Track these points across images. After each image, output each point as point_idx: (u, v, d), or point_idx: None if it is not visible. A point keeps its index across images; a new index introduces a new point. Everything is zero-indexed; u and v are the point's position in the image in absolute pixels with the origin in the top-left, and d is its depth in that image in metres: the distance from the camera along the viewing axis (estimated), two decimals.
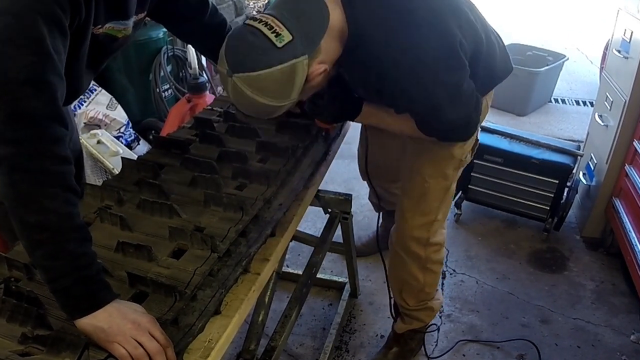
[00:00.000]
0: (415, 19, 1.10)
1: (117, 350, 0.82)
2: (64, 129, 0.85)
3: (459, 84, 1.17)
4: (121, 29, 1.08)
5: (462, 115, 1.22)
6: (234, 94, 1.07)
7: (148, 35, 2.81)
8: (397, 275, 1.67)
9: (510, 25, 5.43)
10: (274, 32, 1.01)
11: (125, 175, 1.27)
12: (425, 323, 1.78)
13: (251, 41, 1.02)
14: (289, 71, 1.03)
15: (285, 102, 1.08)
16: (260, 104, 1.06)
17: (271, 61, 1.01)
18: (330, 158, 1.52)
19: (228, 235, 1.06)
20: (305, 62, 1.04)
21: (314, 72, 1.08)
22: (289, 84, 1.05)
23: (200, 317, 0.91)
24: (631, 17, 2.11)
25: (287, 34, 1.01)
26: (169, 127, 2.49)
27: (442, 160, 1.42)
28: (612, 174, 2.19)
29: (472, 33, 1.19)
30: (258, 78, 1.02)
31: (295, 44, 1.02)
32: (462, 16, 1.17)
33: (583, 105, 3.85)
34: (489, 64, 1.29)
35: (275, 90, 1.05)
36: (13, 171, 0.80)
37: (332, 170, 1.62)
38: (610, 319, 1.97)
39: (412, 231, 1.53)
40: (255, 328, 1.46)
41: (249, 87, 1.03)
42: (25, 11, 0.80)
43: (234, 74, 1.03)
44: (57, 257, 0.82)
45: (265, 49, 1.01)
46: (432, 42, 1.11)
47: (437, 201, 1.49)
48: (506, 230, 2.48)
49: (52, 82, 0.83)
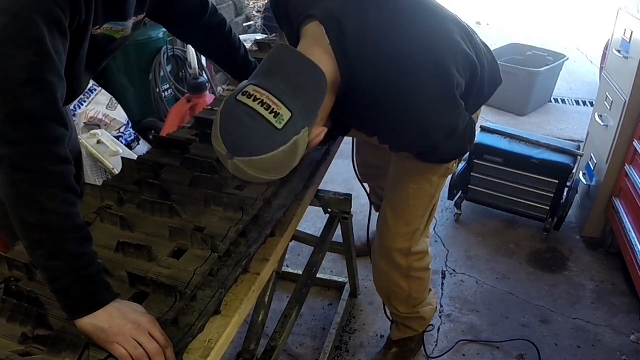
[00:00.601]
0: (413, 65, 1.04)
1: (117, 350, 0.82)
2: (63, 129, 0.85)
3: (456, 125, 1.16)
4: (119, 29, 1.08)
5: (459, 148, 1.24)
6: (236, 172, 0.99)
7: (148, 35, 2.81)
8: (383, 283, 1.64)
9: (510, 25, 5.44)
10: (272, 112, 0.93)
11: (125, 175, 1.27)
12: (418, 332, 1.77)
13: (249, 125, 0.94)
14: (291, 149, 0.97)
15: (288, 171, 1.03)
16: (263, 179, 1.01)
17: (273, 145, 0.94)
18: (330, 158, 1.52)
19: (228, 235, 1.06)
20: (306, 134, 0.99)
21: (314, 139, 1.03)
22: (292, 159, 1.00)
23: (200, 317, 0.91)
24: (631, 17, 2.11)
25: (286, 112, 0.94)
26: (169, 127, 2.49)
27: (428, 167, 1.39)
28: (612, 174, 2.19)
29: (468, 64, 1.14)
30: (261, 161, 0.95)
31: (296, 121, 0.95)
32: (458, 51, 1.10)
33: (583, 105, 3.85)
34: (481, 87, 1.26)
35: (278, 168, 1.00)
36: (13, 171, 0.80)
37: (332, 170, 1.62)
38: (610, 319, 1.97)
39: (395, 240, 1.49)
40: (255, 328, 1.46)
41: (251, 169, 0.97)
42: (26, 11, 0.80)
43: (235, 157, 0.95)
44: (57, 257, 0.82)
45: (266, 133, 0.94)
46: (430, 89, 1.06)
47: (421, 209, 1.46)
48: (506, 230, 2.48)
49: (52, 82, 0.83)
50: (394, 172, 1.48)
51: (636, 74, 1.97)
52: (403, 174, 1.43)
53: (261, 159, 0.95)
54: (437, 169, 1.40)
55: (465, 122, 1.19)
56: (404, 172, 1.43)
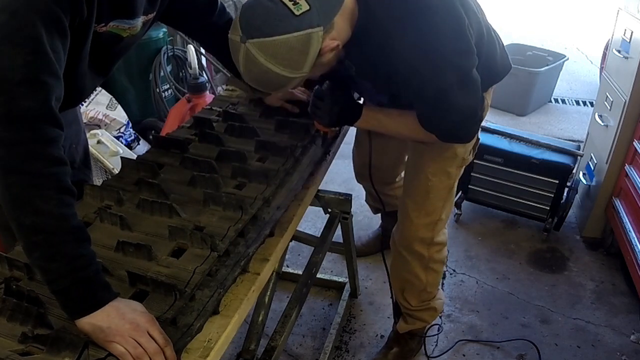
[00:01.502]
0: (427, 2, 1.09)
1: (116, 349, 0.82)
2: (58, 130, 0.84)
3: (469, 70, 1.16)
4: (126, 28, 1.06)
5: (470, 103, 1.19)
6: (246, 61, 1.06)
7: (148, 35, 2.77)
8: (400, 275, 1.67)
9: (510, 25, 5.44)
10: (292, 0, 1.01)
11: (124, 175, 1.27)
12: (427, 323, 1.78)
13: (269, 7, 1.02)
14: (304, 40, 1.03)
15: (296, 74, 1.07)
16: (271, 72, 1.05)
17: (288, 28, 1.01)
18: (330, 158, 1.52)
19: (227, 234, 1.06)
20: (320, 33, 1.04)
21: (327, 47, 1.08)
22: (303, 54, 1.04)
23: (199, 317, 0.91)
24: (631, 17, 2.11)
25: (305, 4, 1.02)
26: (169, 127, 2.49)
27: (445, 159, 1.42)
28: (612, 174, 2.19)
29: (475, 21, 1.19)
30: (273, 44, 1.01)
31: (312, 14, 1.02)
32: (466, 3, 1.17)
33: (583, 105, 3.85)
34: (490, 59, 1.29)
35: (289, 58, 1.04)
36: (7, 173, 0.79)
37: (332, 170, 1.62)
38: (610, 319, 1.97)
39: (417, 231, 1.53)
40: (255, 328, 1.46)
41: (262, 54, 1.02)
42: (23, 10, 0.80)
43: (248, 39, 1.02)
44: (54, 259, 0.81)
45: (283, 15, 1.01)
46: (444, 25, 1.10)
47: (440, 200, 1.49)
48: (506, 230, 2.48)
49: (48, 82, 0.82)
50: (411, 166, 1.51)
51: (636, 74, 1.97)
52: (421, 168, 1.45)
53: (274, 40, 1.01)
54: (454, 160, 1.42)
55: (478, 78, 1.19)
56: (422, 166, 1.45)
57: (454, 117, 1.19)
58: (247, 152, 1.33)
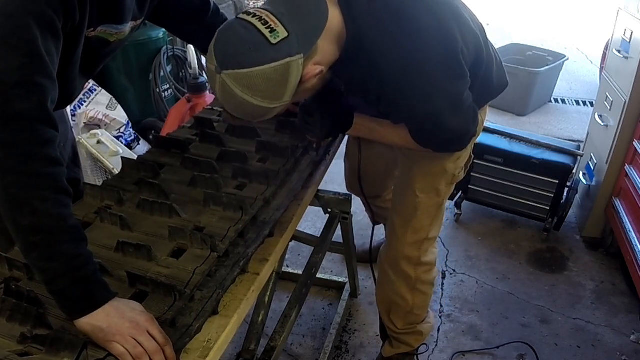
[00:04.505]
0: (418, 24, 1.05)
1: (116, 349, 0.82)
2: (54, 131, 0.84)
3: (460, 93, 1.13)
4: (114, 33, 1.06)
5: (462, 123, 1.17)
6: (222, 92, 0.99)
7: (148, 35, 2.81)
8: (386, 295, 1.61)
9: (510, 25, 5.44)
10: (268, 27, 0.94)
11: (125, 175, 1.27)
12: (413, 347, 1.72)
13: (243, 36, 0.95)
14: (282, 71, 0.96)
15: (277, 104, 1.01)
16: (249, 104, 0.98)
17: (264, 59, 0.94)
18: (330, 158, 1.52)
19: (228, 234, 1.06)
20: (300, 61, 0.97)
21: (309, 73, 1.01)
22: (282, 84, 0.98)
23: (198, 318, 0.91)
24: (631, 17, 2.11)
25: (283, 30, 0.95)
26: (169, 127, 2.49)
27: (435, 175, 1.38)
28: (612, 174, 2.19)
29: (474, 41, 1.15)
30: (249, 75, 0.94)
31: (291, 42, 0.95)
32: (463, 23, 1.12)
33: (583, 105, 3.85)
34: (487, 78, 1.25)
35: (266, 90, 0.97)
36: (4, 174, 0.79)
37: (332, 170, 1.62)
38: (610, 319, 1.97)
39: (403, 249, 1.48)
40: (255, 328, 1.46)
41: (238, 86, 0.95)
42: (18, 12, 0.80)
43: (223, 70, 0.95)
44: (52, 259, 0.82)
45: (258, 44, 0.94)
46: (435, 49, 1.06)
47: (428, 218, 1.44)
48: (506, 230, 2.48)
49: (43, 84, 0.82)
50: (400, 181, 1.47)
51: (636, 74, 1.97)
52: (410, 183, 1.41)
53: (249, 72, 0.94)
54: (444, 176, 1.38)
55: (469, 99, 1.16)
56: (411, 181, 1.41)
57: (446, 135, 1.18)
58: (248, 152, 1.33)
